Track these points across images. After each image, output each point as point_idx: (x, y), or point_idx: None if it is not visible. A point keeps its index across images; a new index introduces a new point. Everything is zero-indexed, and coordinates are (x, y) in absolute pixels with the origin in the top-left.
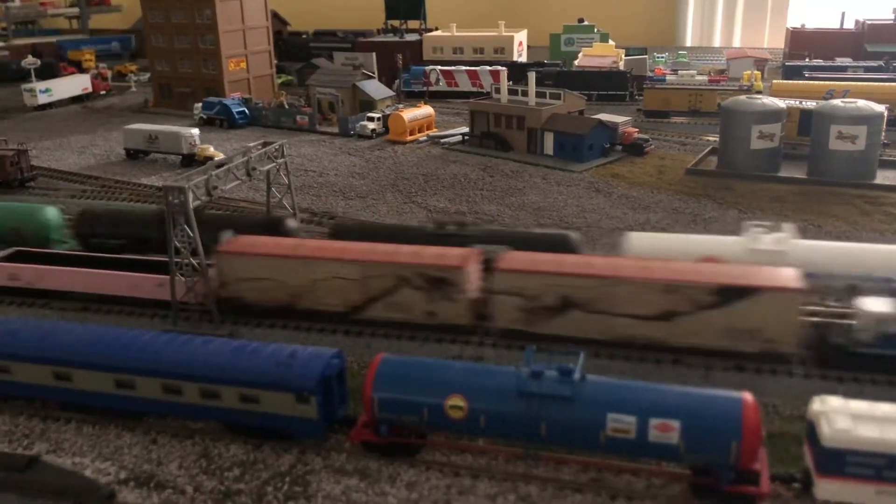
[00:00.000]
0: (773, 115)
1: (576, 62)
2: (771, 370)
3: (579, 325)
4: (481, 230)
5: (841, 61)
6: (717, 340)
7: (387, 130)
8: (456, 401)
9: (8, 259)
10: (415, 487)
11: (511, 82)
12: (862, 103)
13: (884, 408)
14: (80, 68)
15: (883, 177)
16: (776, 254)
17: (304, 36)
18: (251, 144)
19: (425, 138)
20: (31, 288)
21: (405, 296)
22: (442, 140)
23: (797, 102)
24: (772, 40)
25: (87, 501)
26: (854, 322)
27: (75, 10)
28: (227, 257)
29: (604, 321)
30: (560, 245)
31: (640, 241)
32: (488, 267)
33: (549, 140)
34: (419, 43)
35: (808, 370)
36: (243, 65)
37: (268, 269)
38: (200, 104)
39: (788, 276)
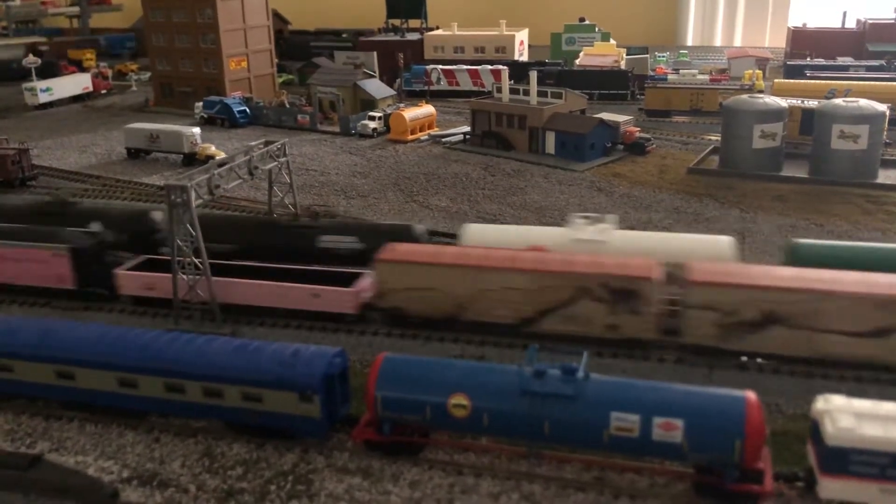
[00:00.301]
0: (774, 115)
1: (577, 61)
2: (773, 369)
3: (781, 341)
4: (331, 221)
5: (842, 61)
6: None
7: (388, 129)
8: (459, 399)
9: (139, 268)
10: (418, 486)
11: (512, 81)
12: (864, 103)
13: (887, 406)
14: (80, 67)
15: (885, 176)
16: (596, 243)
17: (313, 33)
18: (253, 143)
19: (426, 137)
20: (168, 298)
21: (584, 308)
22: (443, 139)
23: (799, 102)
24: (773, 39)
25: (90, 500)
26: None
27: (76, 10)
28: (388, 266)
29: (809, 338)
30: (403, 236)
31: (474, 231)
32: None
33: (550, 139)
34: (420, 42)
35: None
36: (244, 64)
37: (433, 279)
38: (201, 103)
39: None
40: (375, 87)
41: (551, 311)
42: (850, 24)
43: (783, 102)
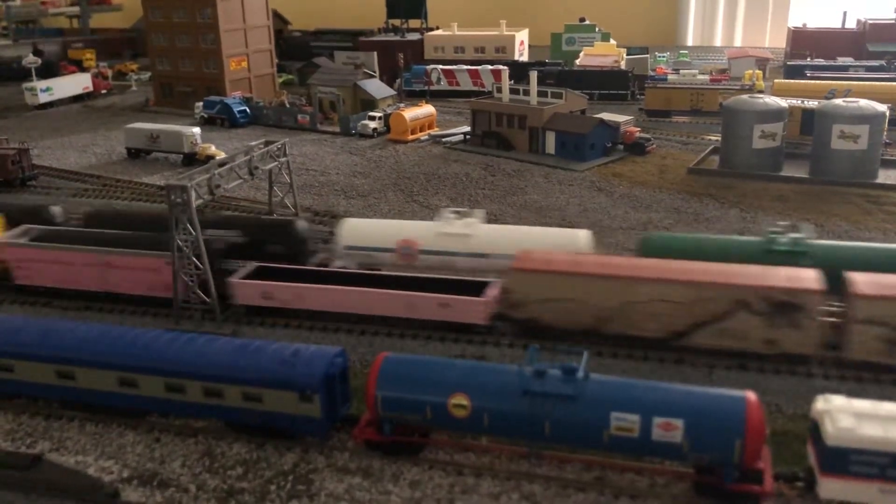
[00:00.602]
0: (774, 115)
1: (577, 61)
2: (774, 369)
3: None
4: (215, 216)
5: (842, 61)
6: None
7: (388, 130)
8: (459, 399)
9: (253, 276)
10: (418, 486)
11: (513, 81)
12: (864, 103)
13: (887, 406)
14: (80, 67)
15: (885, 176)
16: (462, 237)
17: (313, 33)
18: (253, 143)
19: (426, 137)
20: (286, 308)
21: (740, 321)
22: (443, 139)
23: (799, 102)
24: (773, 40)
25: (90, 500)
26: None
27: (76, 10)
28: (524, 275)
29: None
30: (287, 231)
31: (352, 225)
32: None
33: (550, 139)
34: (420, 42)
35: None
36: (244, 64)
37: (573, 289)
38: (201, 103)
39: None
40: (375, 87)
41: (704, 325)
42: (851, 24)
43: (783, 102)
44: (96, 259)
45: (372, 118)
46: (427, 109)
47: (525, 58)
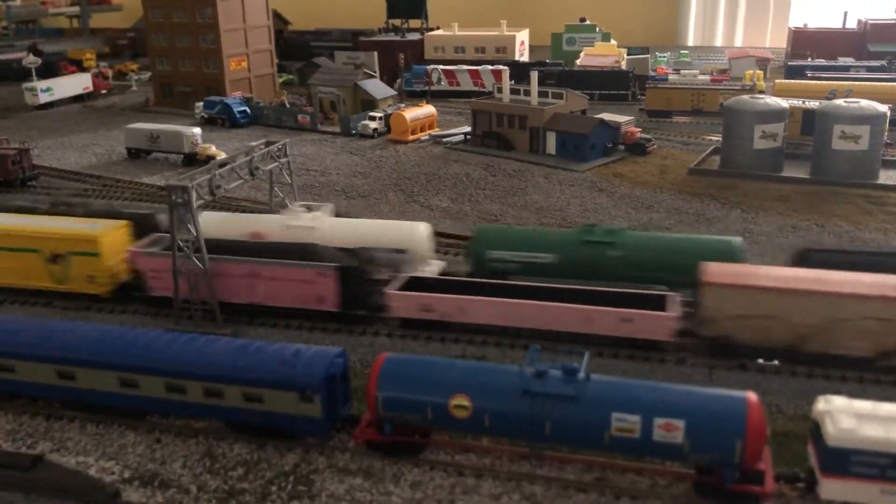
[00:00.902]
0: (775, 115)
1: (578, 62)
2: (775, 370)
3: None
4: (70, 208)
5: (843, 61)
6: None
7: (388, 130)
8: (460, 400)
9: (408, 287)
10: (419, 487)
11: (513, 82)
12: (865, 103)
13: (888, 407)
14: (81, 67)
15: (886, 177)
16: (308, 229)
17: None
18: (254, 144)
19: (427, 138)
20: (446, 321)
21: None
22: (444, 139)
23: (800, 102)
24: (774, 40)
25: (91, 501)
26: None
27: (76, 10)
28: (719, 290)
29: None
30: (147, 224)
31: (206, 218)
32: None
33: (551, 139)
34: (421, 42)
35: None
36: (244, 64)
37: (773, 305)
38: (202, 103)
39: None
40: (376, 87)
41: None
42: (851, 24)
43: (784, 103)
44: (243, 270)
45: (372, 118)
46: (427, 110)
47: (525, 58)
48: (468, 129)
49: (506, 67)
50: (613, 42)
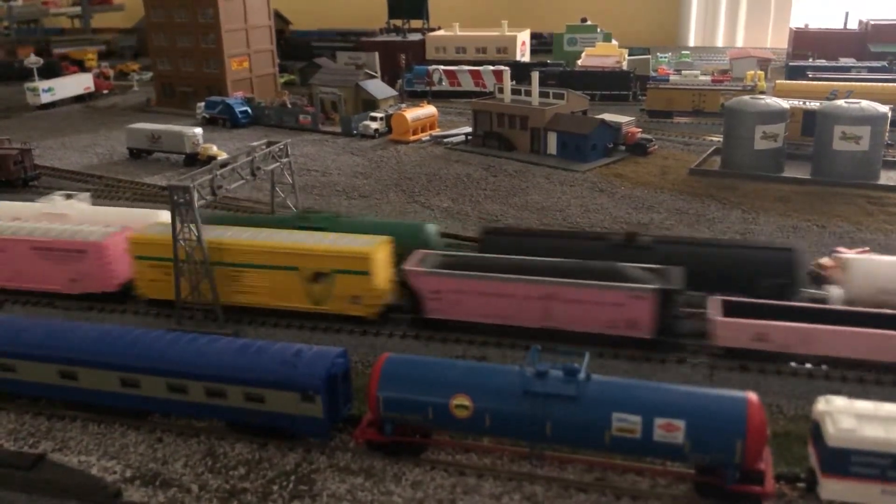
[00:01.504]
0: (776, 116)
1: (579, 62)
2: (775, 370)
3: None
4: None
5: (844, 61)
6: None
7: (390, 130)
8: (461, 400)
9: (732, 312)
10: (420, 486)
11: (514, 82)
12: (865, 104)
13: (888, 408)
14: (82, 67)
15: (886, 177)
16: (60, 216)
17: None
18: (255, 144)
19: (428, 138)
20: (786, 353)
21: None
22: (445, 140)
23: (801, 103)
24: (775, 40)
25: (92, 500)
26: None
27: (77, 10)
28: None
29: None
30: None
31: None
32: None
33: (552, 140)
34: (422, 42)
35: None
36: (246, 64)
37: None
38: (203, 103)
39: None
40: (377, 87)
41: None
42: (852, 24)
43: (785, 103)
44: (540, 291)
45: (373, 119)
46: (429, 110)
47: (526, 58)
48: (469, 129)
49: (507, 68)
50: (614, 42)
